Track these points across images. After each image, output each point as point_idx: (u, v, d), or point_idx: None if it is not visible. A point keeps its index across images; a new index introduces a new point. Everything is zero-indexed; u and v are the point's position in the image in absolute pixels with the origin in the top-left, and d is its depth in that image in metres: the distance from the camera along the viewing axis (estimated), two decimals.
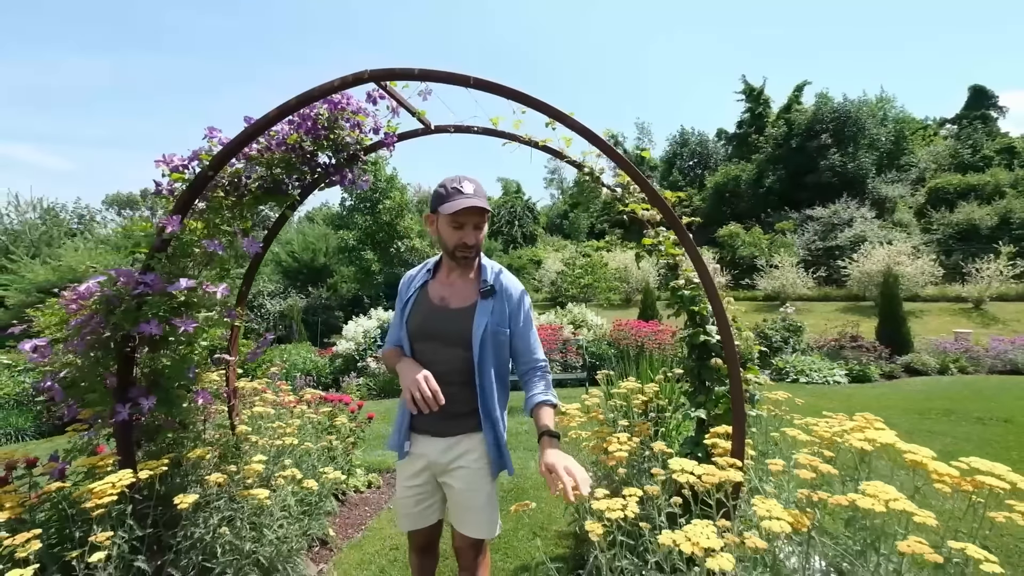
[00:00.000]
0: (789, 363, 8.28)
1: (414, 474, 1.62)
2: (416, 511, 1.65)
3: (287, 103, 1.92)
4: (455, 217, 1.47)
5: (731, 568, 0.91)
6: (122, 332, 1.94)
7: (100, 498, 1.68)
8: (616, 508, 1.16)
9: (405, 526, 1.68)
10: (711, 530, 1.00)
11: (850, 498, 1.04)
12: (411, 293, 1.65)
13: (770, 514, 1.03)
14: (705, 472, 1.20)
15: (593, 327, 9.39)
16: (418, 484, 1.63)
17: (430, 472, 1.61)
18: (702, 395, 1.90)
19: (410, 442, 1.61)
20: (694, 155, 35.92)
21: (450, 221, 1.48)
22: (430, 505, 1.66)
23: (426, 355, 1.55)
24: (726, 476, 1.21)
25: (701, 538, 0.96)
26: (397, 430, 1.66)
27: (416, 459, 1.61)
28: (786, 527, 1.01)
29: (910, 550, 0.94)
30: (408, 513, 1.65)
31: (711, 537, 0.97)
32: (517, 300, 1.60)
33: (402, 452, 1.63)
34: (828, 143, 25.41)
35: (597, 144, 1.69)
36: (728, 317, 1.69)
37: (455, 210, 1.43)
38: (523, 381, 1.60)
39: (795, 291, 16.07)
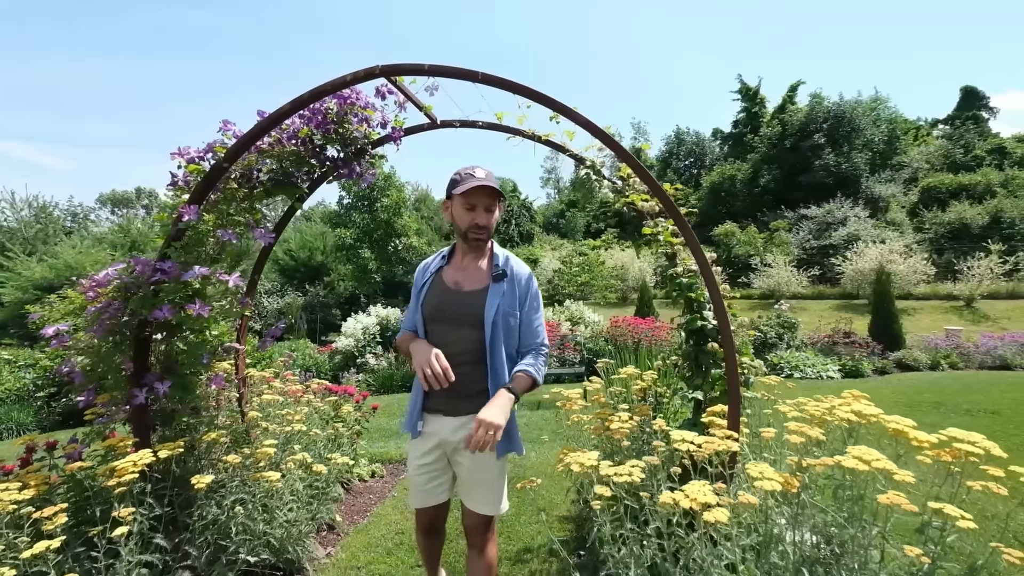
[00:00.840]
0: (783, 359, 8.40)
1: (426, 452, 1.70)
2: (428, 488, 1.72)
3: (300, 97, 1.99)
4: (467, 198, 1.57)
5: (725, 519, 0.99)
6: (139, 318, 2.01)
7: (123, 475, 1.74)
8: (623, 473, 1.24)
9: (415, 502, 1.77)
10: (708, 489, 1.08)
11: (836, 459, 1.13)
12: (427, 278, 1.74)
13: (762, 475, 1.11)
14: (704, 441, 1.29)
15: (590, 324, 9.48)
16: (430, 462, 1.70)
17: (442, 450, 1.69)
18: (699, 378, 1.99)
19: (423, 422, 1.69)
20: (690, 154, 36.11)
21: (463, 203, 1.59)
22: (440, 483, 1.73)
23: (439, 336, 1.63)
24: (724, 445, 1.29)
25: (699, 495, 1.04)
26: (411, 410, 1.74)
27: (428, 438, 1.69)
28: (776, 486, 1.09)
29: (888, 501, 1.02)
30: (420, 490, 1.73)
31: (708, 494, 1.05)
32: (526, 284, 1.69)
33: (415, 431, 1.71)
34: (822, 143, 25.63)
35: (600, 137, 1.77)
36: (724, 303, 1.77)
37: (467, 188, 1.53)
38: (522, 356, 1.67)
39: (790, 289, 16.24)
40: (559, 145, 2.37)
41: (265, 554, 2.35)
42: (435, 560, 2.02)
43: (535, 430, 4.89)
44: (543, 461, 3.83)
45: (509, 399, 1.49)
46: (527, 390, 1.60)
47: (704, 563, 1.27)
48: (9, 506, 1.61)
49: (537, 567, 2.44)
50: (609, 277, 17.22)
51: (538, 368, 1.62)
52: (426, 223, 21.26)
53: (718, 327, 1.74)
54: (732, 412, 1.60)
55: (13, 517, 1.63)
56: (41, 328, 1.89)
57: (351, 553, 2.64)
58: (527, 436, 4.80)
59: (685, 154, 36.25)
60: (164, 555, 1.94)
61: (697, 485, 1.09)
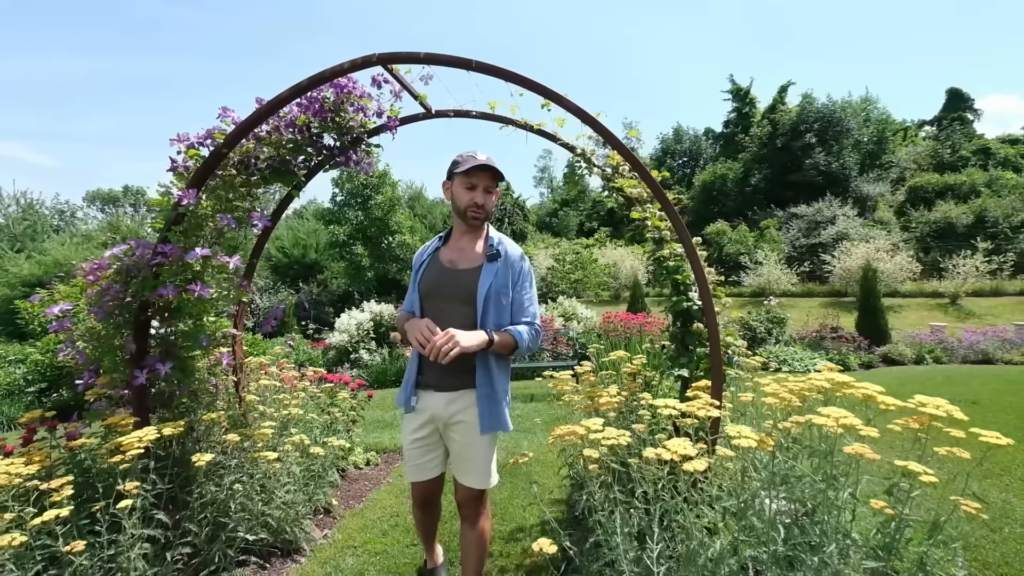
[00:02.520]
0: (772, 353, 8.54)
1: (419, 426, 1.77)
2: (421, 462, 1.80)
3: (299, 84, 2.04)
4: (468, 177, 1.65)
5: (703, 468, 1.06)
6: (140, 300, 2.05)
7: (128, 450, 1.79)
8: (612, 436, 1.31)
9: (410, 476, 1.85)
10: (687, 443, 1.16)
11: (807, 418, 1.21)
12: (424, 258, 1.83)
13: (740, 434, 1.19)
14: (687, 408, 1.37)
15: (583, 320, 9.57)
16: (423, 436, 1.77)
17: (434, 425, 1.76)
18: (685, 357, 2.07)
19: (416, 397, 1.77)
20: (686, 153, 36.38)
21: (464, 182, 1.67)
22: (433, 458, 1.81)
23: (434, 312, 1.72)
24: (705, 411, 1.37)
25: (679, 448, 1.12)
26: (404, 387, 1.81)
27: (421, 413, 1.76)
28: (752, 443, 1.17)
29: (853, 451, 1.10)
30: (414, 464, 1.82)
31: (688, 447, 1.12)
32: (519, 264, 1.76)
33: (408, 406, 1.78)
34: (812, 143, 25.96)
35: (590, 123, 1.84)
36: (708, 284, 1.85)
37: (468, 167, 1.61)
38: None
39: (779, 287, 16.45)
40: (550, 134, 2.45)
41: (263, 533, 2.41)
42: (431, 535, 2.08)
43: (527, 420, 4.98)
44: (536, 447, 3.90)
45: (483, 337, 1.58)
46: (506, 346, 1.66)
47: (686, 525, 1.35)
48: (15, 479, 1.65)
49: (529, 544, 2.51)
50: (602, 275, 17.35)
51: (522, 334, 1.68)
52: (419, 220, 21.26)
53: (702, 307, 1.82)
54: (715, 384, 1.68)
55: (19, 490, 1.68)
56: (44, 310, 1.93)
57: (347, 534, 2.70)
58: (520, 426, 4.87)
59: (681, 153, 36.52)
60: (165, 531, 1.98)
61: (679, 440, 1.17)
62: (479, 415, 1.68)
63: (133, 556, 1.80)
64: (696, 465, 1.07)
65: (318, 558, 2.47)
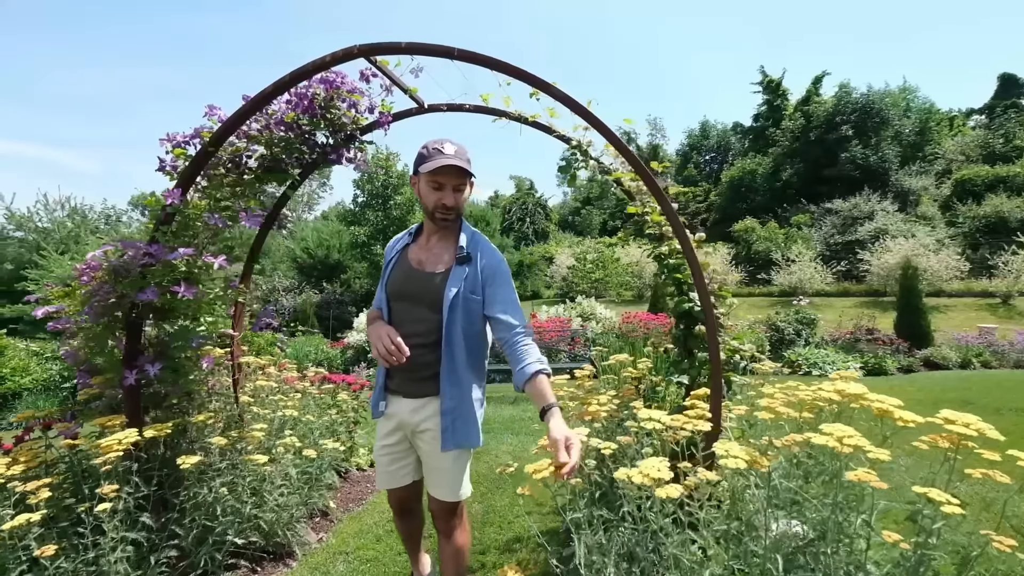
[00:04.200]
0: (801, 356, 8.14)
1: (388, 432, 1.67)
2: (391, 470, 1.71)
3: (281, 79, 1.99)
4: (433, 177, 1.51)
5: (677, 495, 0.93)
6: (129, 300, 2.04)
7: (107, 452, 1.77)
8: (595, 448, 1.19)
9: (381, 483, 1.76)
10: (663, 464, 1.02)
11: (806, 436, 1.06)
12: (393, 256, 1.70)
13: (728, 453, 1.05)
14: (672, 421, 1.23)
15: (602, 320, 9.38)
16: (392, 443, 1.68)
17: (403, 432, 1.66)
18: (687, 362, 1.92)
19: (385, 402, 1.67)
20: (714, 149, 35.41)
21: (429, 181, 1.51)
22: (404, 466, 1.70)
23: (400, 315, 1.61)
24: (693, 425, 1.23)
25: (652, 470, 0.99)
26: (375, 391, 1.73)
27: (389, 418, 1.67)
28: (741, 464, 1.03)
29: (856, 477, 0.95)
30: (384, 471, 1.73)
31: (662, 470, 0.99)
32: (493, 267, 1.59)
33: (376, 411, 1.70)
34: (849, 135, 24.82)
35: (578, 111, 1.71)
36: (707, 281, 1.71)
37: (432, 168, 1.47)
38: (509, 350, 1.50)
39: (812, 286, 15.76)
40: (544, 126, 2.33)
41: (255, 537, 2.38)
42: (414, 542, 1.99)
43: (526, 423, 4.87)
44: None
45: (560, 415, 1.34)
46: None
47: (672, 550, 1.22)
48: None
49: (525, 556, 2.40)
50: (624, 274, 17.02)
51: (544, 361, 1.46)
52: None
53: (702, 308, 1.67)
54: (714, 393, 1.53)
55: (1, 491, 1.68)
56: (34, 311, 1.94)
57: (341, 539, 2.65)
58: (520, 429, 4.75)
59: (708, 148, 35.57)
60: (150, 533, 1.97)
61: (653, 461, 1.03)
62: (442, 430, 1.54)
63: (114, 559, 1.77)
64: (669, 491, 0.94)
65: (309, 563, 2.42)
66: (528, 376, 1.41)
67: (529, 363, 1.43)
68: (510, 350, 1.50)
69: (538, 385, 1.40)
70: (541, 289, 21.51)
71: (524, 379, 1.42)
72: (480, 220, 24.89)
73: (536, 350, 1.48)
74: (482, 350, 1.66)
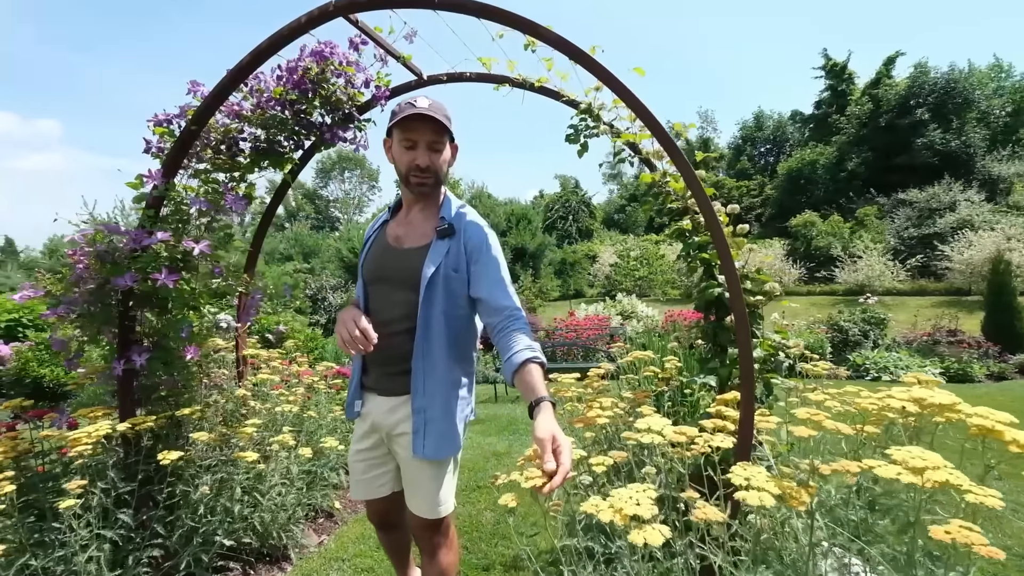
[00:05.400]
0: (869, 359, 7.32)
1: (363, 435, 1.47)
2: (366, 479, 1.48)
3: (258, 47, 1.84)
4: (405, 132, 1.29)
5: (659, 543, 0.64)
6: (110, 287, 1.96)
7: (75, 446, 1.68)
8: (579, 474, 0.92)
9: (355, 494, 1.53)
10: (645, 495, 0.73)
11: (867, 464, 0.73)
12: (371, 236, 1.51)
13: (749, 483, 0.74)
14: (677, 434, 0.93)
15: (643, 318, 8.89)
16: (367, 447, 1.46)
17: (379, 436, 1.44)
18: (716, 360, 1.59)
19: (361, 400, 1.47)
20: (769, 140, 33.38)
21: (401, 138, 1.31)
22: (382, 474, 1.48)
23: (378, 300, 1.40)
24: (709, 441, 0.92)
25: (625, 504, 0.70)
26: (350, 388, 1.51)
27: (365, 419, 1.46)
28: (769, 500, 0.72)
29: (949, 537, 0.62)
30: (357, 479, 1.50)
31: (641, 503, 0.70)
32: (478, 241, 1.36)
33: (351, 411, 1.49)
34: (925, 119, 22.55)
35: (576, 56, 1.43)
36: (737, 263, 1.38)
37: (401, 119, 1.26)
38: (498, 337, 1.30)
39: (882, 283, 14.36)
40: (553, 91, 2.05)
41: (248, 538, 2.25)
42: (400, 557, 1.77)
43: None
44: None
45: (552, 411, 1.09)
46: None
47: None
48: None
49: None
50: (670, 271, 16.25)
51: (537, 348, 1.22)
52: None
53: (730, 293, 1.34)
54: (745, 400, 1.21)
55: None
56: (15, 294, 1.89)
57: (341, 543, 2.49)
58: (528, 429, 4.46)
59: (763, 140, 33.58)
60: (129, 531, 1.87)
61: (627, 490, 0.74)
62: (413, 432, 1.31)
63: (84, 558, 1.68)
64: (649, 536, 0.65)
65: (303, 568, 2.28)
66: (516, 365, 1.18)
67: (518, 350, 1.20)
68: (499, 337, 1.28)
69: (527, 376, 1.16)
70: (584, 288, 21.00)
71: (512, 369, 1.19)
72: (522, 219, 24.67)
73: (528, 336, 1.24)
74: (468, 338, 1.41)
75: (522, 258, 22.75)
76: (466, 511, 2.84)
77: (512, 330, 1.25)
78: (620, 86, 1.36)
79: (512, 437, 4.39)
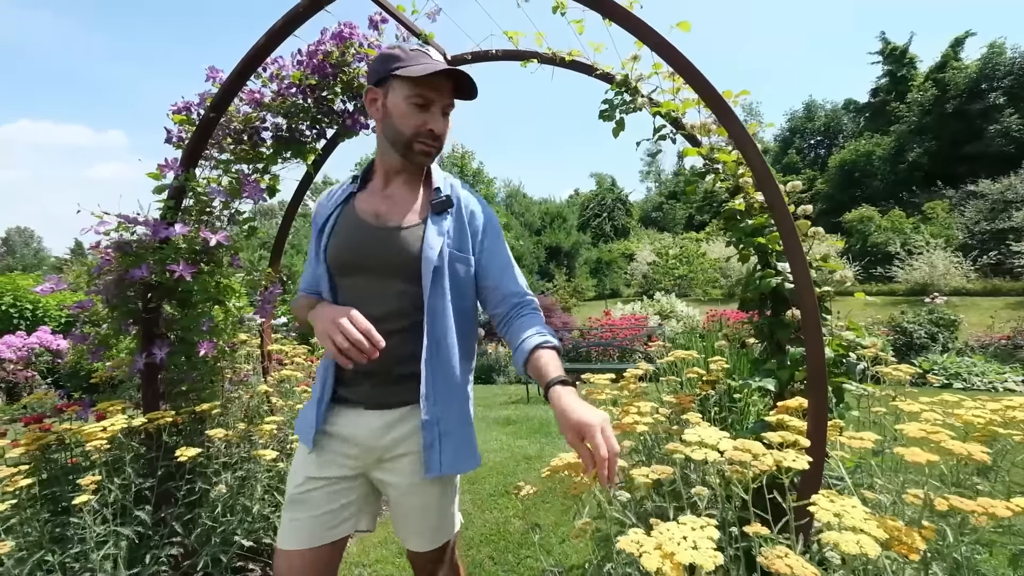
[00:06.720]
0: (938, 364, 6.68)
1: (329, 462, 1.09)
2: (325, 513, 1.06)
3: (272, 27, 1.77)
4: (420, 88, 1.02)
5: None
6: (129, 279, 1.93)
7: (90, 440, 1.65)
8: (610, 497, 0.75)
9: (289, 540, 1.05)
10: (704, 534, 0.54)
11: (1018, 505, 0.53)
12: (332, 211, 1.15)
13: (839, 521, 0.55)
14: (738, 449, 0.74)
15: (683, 318, 8.50)
16: (333, 477, 1.08)
17: (358, 463, 1.10)
18: (774, 360, 1.36)
19: (331, 421, 1.10)
20: (820, 132, 31.61)
21: (414, 94, 1.03)
22: (347, 505, 1.09)
23: (355, 294, 1.09)
24: (776, 459, 0.73)
25: (673, 543, 0.52)
26: (312, 403, 1.13)
27: (339, 443, 1.09)
28: (871, 547, 0.53)
29: None
30: (307, 517, 1.05)
31: (699, 547, 0.52)
32: (484, 218, 1.16)
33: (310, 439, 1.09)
34: (1000, 103, 20.70)
35: (606, 9, 1.25)
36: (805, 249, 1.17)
37: (425, 72, 0.99)
38: (505, 327, 1.11)
39: (949, 283, 13.23)
40: (586, 65, 1.87)
41: (268, 538, 2.19)
42: None
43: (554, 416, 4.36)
44: None
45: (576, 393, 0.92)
46: None
47: None
48: None
49: None
50: (711, 270, 15.59)
51: (552, 333, 1.05)
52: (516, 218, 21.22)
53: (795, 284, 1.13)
54: (815, 409, 1.00)
55: None
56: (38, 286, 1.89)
57: (363, 547, 2.40)
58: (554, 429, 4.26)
59: (812, 132, 31.85)
60: (147, 529, 1.83)
61: (679, 527, 0.56)
62: (425, 447, 1.05)
63: (98, 557, 1.64)
64: None
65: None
66: (527, 353, 1.00)
67: (528, 336, 1.03)
68: (508, 327, 1.10)
69: (541, 360, 0.98)
70: (620, 287, 20.51)
71: (523, 358, 1.02)
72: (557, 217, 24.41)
73: (540, 322, 1.07)
74: (474, 332, 1.20)
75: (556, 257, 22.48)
76: (493, 518, 2.70)
77: (523, 316, 1.09)
78: (659, 40, 1.17)
79: (544, 440, 4.22)
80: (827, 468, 1.14)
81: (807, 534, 0.81)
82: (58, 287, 1.87)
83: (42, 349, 6.19)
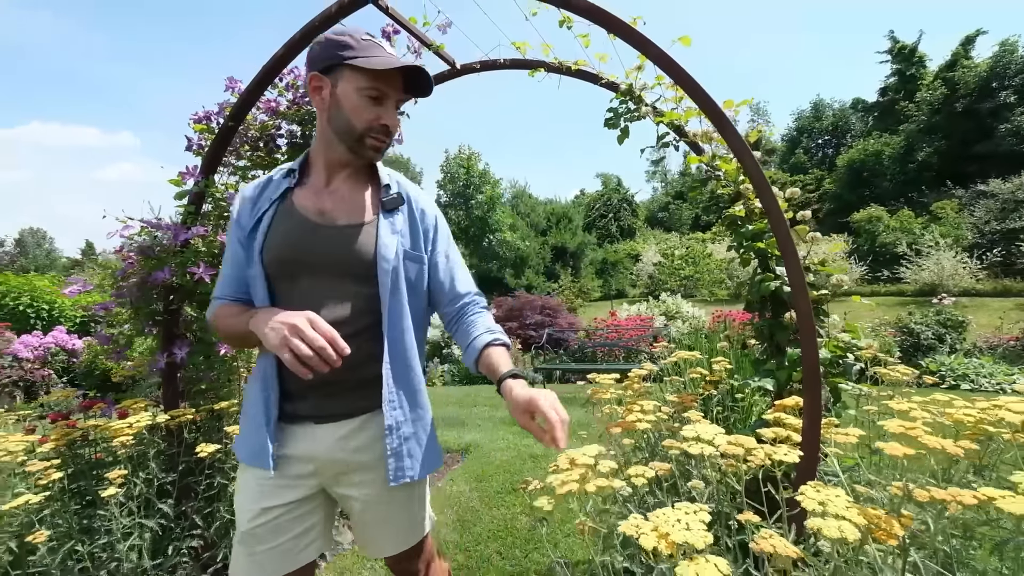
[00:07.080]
0: (946, 365, 6.66)
1: (287, 486, 1.02)
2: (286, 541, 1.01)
3: (291, 39, 1.84)
4: (374, 81, 0.97)
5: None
6: (152, 281, 2.01)
7: (117, 436, 1.73)
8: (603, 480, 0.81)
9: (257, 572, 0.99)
10: (696, 518, 0.60)
11: (983, 494, 0.58)
12: (264, 208, 1.06)
13: (823, 508, 0.60)
14: (732, 444, 0.79)
15: (689, 318, 8.52)
16: (293, 501, 1.01)
17: (315, 480, 1.04)
18: (773, 360, 1.41)
19: (281, 442, 1.01)
20: (828, 131, 31.43)
21: (368, 87, 0.98)
22: (309, 529, 1.04)
23: (301, 297, 1.00)
24: (769, 453, 0.78)
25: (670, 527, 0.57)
26: (255, 427, 1.02)
27: (295, 464, 1.02)
28: (851, 532, 0.58)
29: None
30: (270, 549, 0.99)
31: (692, 528, 0.57)
32: (434, 216, 1.15)
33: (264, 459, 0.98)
34: (1010, 102, 20.51)
35: (610, 25, 1.31)
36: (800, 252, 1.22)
37: (381, 66, 0.94)
38: (455, 326, 1.12)
39: (957, 283, 13.13)
40: (591, 74, 1.93)
41: None
42: None
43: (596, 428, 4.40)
44: None
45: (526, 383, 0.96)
46: None
47: None
48: (20, 456, 1.66)
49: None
50: (717, 271, 15.56)
51: (501, 332, 1.08)
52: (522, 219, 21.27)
53: (791, 286, 1.18)
54: (809, 407, 1.05)
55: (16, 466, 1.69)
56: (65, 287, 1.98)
57: None
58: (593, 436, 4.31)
59: (820, 131, 31.67)
60: (168, 521, 1.91)
61: (674, 511, 0.62)
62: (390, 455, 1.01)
63: (124, 548, 1.72)
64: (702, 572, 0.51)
65: (336, 566, 2.26)
66: (478, 351, 1.03)
67: (479, 334, 1.05)
68: (457, 325, 1.11)
69: (492, 357, 1.01)
70: (626, 287, 20.52)
71: (475, 355, 1.04)
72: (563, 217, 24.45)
73: (489, 319, 1.10)
74: (425, 333, 1.18)
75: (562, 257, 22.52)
76: (500, 515, 2.76)
77: (473, 315, 1.10)
78: (660, 53, 1.22)
79: None
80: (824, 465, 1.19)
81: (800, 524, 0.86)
82: (84, 289, 1.95)
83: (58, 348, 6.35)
